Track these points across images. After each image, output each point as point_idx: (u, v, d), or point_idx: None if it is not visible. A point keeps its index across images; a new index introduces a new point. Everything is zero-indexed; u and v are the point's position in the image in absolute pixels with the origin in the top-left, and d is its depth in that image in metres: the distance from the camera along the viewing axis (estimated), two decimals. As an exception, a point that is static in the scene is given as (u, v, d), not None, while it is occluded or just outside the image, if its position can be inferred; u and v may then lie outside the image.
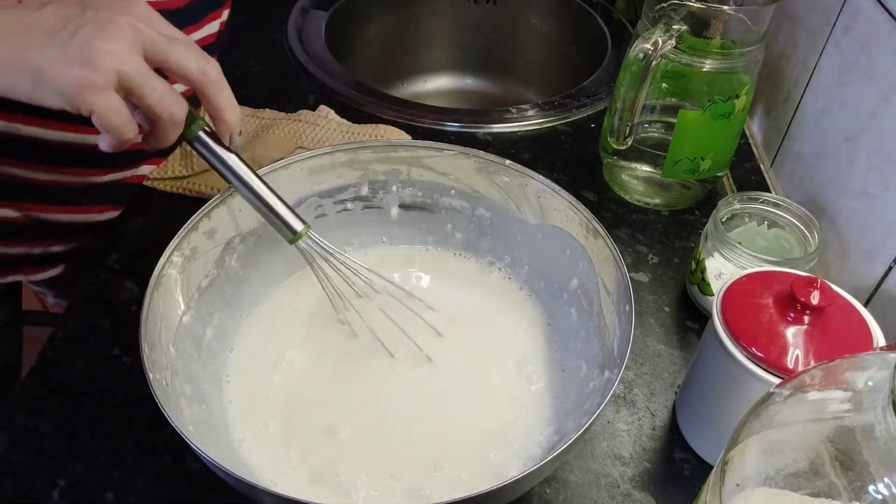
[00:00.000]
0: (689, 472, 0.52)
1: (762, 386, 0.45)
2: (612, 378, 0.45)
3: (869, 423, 0.26)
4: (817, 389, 0.30)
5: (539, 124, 0.84)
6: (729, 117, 0.65)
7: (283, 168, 0.56)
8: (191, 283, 0.51)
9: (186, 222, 0.51)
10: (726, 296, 0.48)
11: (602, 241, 0.52)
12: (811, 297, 0.45)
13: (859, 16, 0.64)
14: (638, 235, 0.71)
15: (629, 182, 0.74)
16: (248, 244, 0.56)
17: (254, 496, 0.41)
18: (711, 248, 0.60)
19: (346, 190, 0.60)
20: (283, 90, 0.84)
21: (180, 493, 0.50)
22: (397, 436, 0.50)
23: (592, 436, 0.54)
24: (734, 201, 0.62)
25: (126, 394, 0.55)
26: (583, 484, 0.51)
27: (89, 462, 0.51)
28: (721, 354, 0.47)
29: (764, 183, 0.78)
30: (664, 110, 0.70)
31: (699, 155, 0.67)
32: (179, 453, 0.51)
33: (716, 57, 0.63)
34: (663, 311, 0.64)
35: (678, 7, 0.63)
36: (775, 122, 0.80)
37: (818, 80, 0.71)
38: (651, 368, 0.59)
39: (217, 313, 0.54)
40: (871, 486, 0.26)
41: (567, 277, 0.56)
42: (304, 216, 0.59)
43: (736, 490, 0.30)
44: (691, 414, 0.54)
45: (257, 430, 0.50)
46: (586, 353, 0.53)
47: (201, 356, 0.51)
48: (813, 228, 0.59)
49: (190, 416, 0.45)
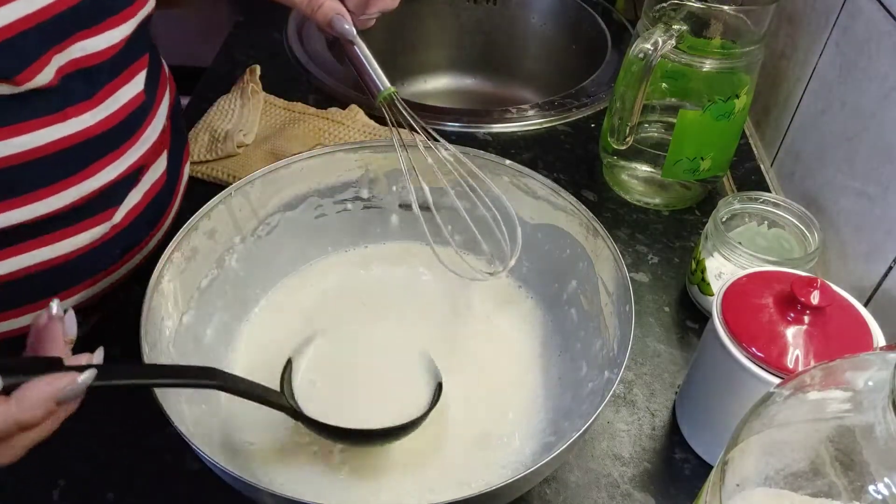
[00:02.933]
0: (689, 472, 0.52)
1: (762, 386, 0.45)
2: (612, 378, 0.45)
3: (869, 423, 0.26)
4: (817, 389, 0.30)
5: (539, 124, 0.84)
6: (729, 117, 0.65)
7: (283, 167, 0.56)
8: (191, 283, 0.51)
9: (186, 222, 0.51)
10: (726, 296, 0.48)
11: (602, 241, 0.52)
12: (811, 297, 0.45)
13: (859, 16, 0.64)
14: (638, 235, 0.71)
15: (629, 182, 0.74)
16: (248, 244, 0.56)
17: (254, 496, 0.41)
18: (711, 248, 0.60)
19: (346, 190, 0.60)
20: (284, 90, 0.84)
21: (180, 493, 0.50)
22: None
23: (592, 436, 0.54)
24: (734, 201, 0.62)
25: (126, 394, 0.55)
26: (583, 484, 0.51)
27: (89, 462, 0.51)
28: (721, 354, 0.47)
29: (764, 183, 0.78)
30: (664, 110, 0.70)
31: (699, 155, 0.67)
32: (179, 453, 0.51)
33: (716, 57, 0.63)
34: (663, 311, 0.64)
35: (678, 7, 0.63)
36: (775, 122, 0.80)
37: (818, 81, 0.71)
38: (651, 368, 0.59)
39: (217, 313, 0.54)
40: (871, 486, 0.26)
41: (567, 277, 0.56)
42: (304, 216, 0.59)
43: (736, 490, 0.30)
44: (691, 414, 0.54)
45: (257, 429, 0.50)
46: (586, 354, 0.53)
47: (201, 356, 0.51)
48: (813, 228, 0.59)
49: (190, 416, 0.45)
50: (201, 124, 0.78)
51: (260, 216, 0.57)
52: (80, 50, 0.47)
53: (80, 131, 0.48)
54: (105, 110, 0.49)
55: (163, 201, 0.58)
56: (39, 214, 0.47)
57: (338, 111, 0.81)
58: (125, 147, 0.52)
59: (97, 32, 0.47)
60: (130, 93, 0.51)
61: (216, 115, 0.79)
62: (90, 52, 0.47)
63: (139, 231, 0.56)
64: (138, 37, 0.52)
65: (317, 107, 0.82)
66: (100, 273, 0.54)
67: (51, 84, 0.45)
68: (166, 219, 0.60)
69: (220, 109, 0.80)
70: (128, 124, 0.52)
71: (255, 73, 0.84)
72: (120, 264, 0.55)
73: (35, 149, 0.46)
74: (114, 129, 0.50)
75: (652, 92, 0.67)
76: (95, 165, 0.50)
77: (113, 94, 0.50)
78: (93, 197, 0.50)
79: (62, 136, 0.47)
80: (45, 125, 0.46)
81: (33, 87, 0.44)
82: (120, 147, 0.51)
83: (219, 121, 0.78)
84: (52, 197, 0.48)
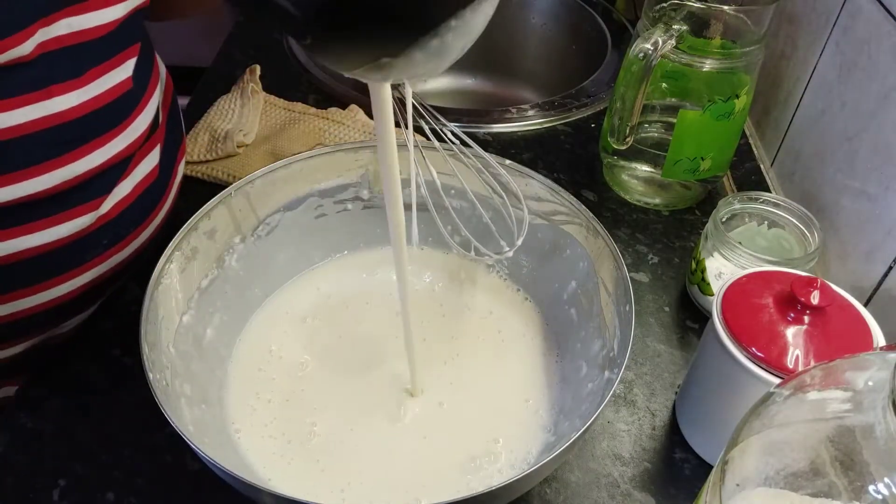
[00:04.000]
0: (689, 472, 0.52)
1: (762, 386, 0.45)
2: (612, 378, 0.45)
3: (869, 423, 0.26)
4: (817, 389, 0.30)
5: (539, 124, 0.84)
6: (729, 117, 0.65)
7: (283, 167, 0.56)
8: (191, 283, 0.51)
9: (186, 222, 0.51)
10: (726, 296, 0.48)
11: (602, 241, 0.52)
12: (811, 297, 0.45)
13: (859, 16, 0.64)
14: (638, 235, 0.71)
15: (629, 182, 0.74)
16: (248, 244, 0.56)
17: (254, 496, 0.41)
18: (711, 248, 0.60)
19: (346, 190, 0.60)
20: (284, 90, 0.84)
21: (180, 493, 0.50)
22: (398, 435, 0.50)
23: (592, 436, 0.54)
24: (734, 201, 0.62)
25: (126, 394, 0.55)
26: (583, 484, 0.51)
27: (89, 462, 0.51)
28: (721, 354, 0.47)
29: (764, 183, 0.78)
30: (664, 110, 0.70)
31: (699, 155, 0.67)
32: (179, 453, 0.51)
33: (716, 57, 0.63)
34: (663, 311, 0.64)
35: (678, 7, 0.63)
36: (775, 122, 0.80)
37: (818, 80, 0.71)
38: (651, 368, 0.59)
39: (217, 313, 0.54)
40: (871, 486, 0.26)
41: (567, 277, 0.56)
42: (304, 216, 0.59)
43: (736, 490, 0.30)
44: (691, 414, 0.54)
45: (258, 430, 0.50)
46: (586, 354, 0.53)
47: (201, 356, 0.51)
48: (813, 228, 0.59)
49: (190, 416, 0.45)
50: (201, 124, 0.78)
51: (260, 216, 0.57)
52: (67, 27, 0.46)
53: (65, 111, 0.47)
54: (90, 92, 0.49)
55: (154, 196, 0.58)
56: (24, 195, 0.47)
57: (338, 111, 0.81)
58: (112, 134, 0.51)
59: (87, 10, 0.47)
60: (117, 78, 0.51)
61: (216, 115, 0.79)
62: (76, 29, 0.47)
63: (128, 224, 0.56)
64: (130, 24, 0.52)
65: (317, 107, 0.82)
66: (85, 264, 0.54)
67: (30, 57, 0.44)
68: (157, 214, 0.59)
69: (219, 109, 0.80)
70: (114, 110, 0.51)
71: (255, 73, 0.84)
72: (106, 256, 0.55)
73: (18, 126, 0.45)
74: (99, 113, 0.50)
75: (652, 92, 0.67)
76: (81, 150, 0.49)
77: (100, 76, 0.50)
78: (78, 182, 0.50)
79: (46, 115, 0.47)
80: (29, 102, 0.46)
81: (13, 58, 0.44)
82: (106, 133, 0.51)
83: (219, 121, 0.78)
84: (35, 178, 0.47)
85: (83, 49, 0.48)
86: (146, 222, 0.58)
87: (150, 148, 0.57)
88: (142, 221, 0.57)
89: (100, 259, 0.55)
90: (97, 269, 0.55)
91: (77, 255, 0.53)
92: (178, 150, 0.63)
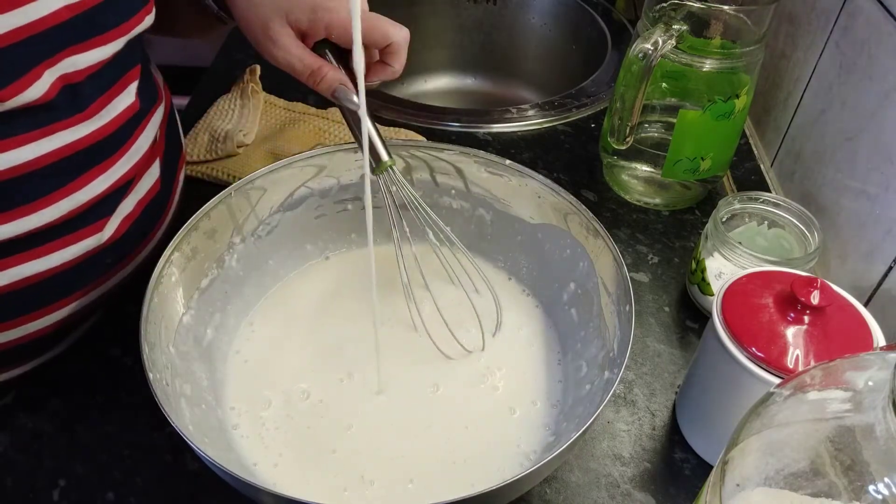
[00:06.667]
0: (689, 472, 0.52)
1: (762, 386, 0.45)
2: (613, 378, 0.45)
3: (869, 423, 0.26)
4: (817, 389, 0.30)
5: (539, 124, 0.84)
6: (729, 117, 0.65)
7: (283, 167, 0.56)
8: (191, 283, 0.51)
9: (186, 222, 0.51)
10: (726, 296, 0.48)
11: (602, 241, 0.52)
12: (811, 297, 0.45)
13: (859, 16, 0.64)
14: (638, 235, 0.71)
15: (629, 182, 0.74)
16: (248, 244, 0.56)
17: (254, 496, 0.41)
18: (711, 248, 0.60)
19: (347, 190, 0.60)
20: (284, 90, 0.84)
21: (180, 493, 0.50)
22: (399, 434, 0.50)
23: (592, 436, 0.54)
24: (734, 201, 0.62)
25: (126, 394, 0.55)
26: (583, 484, 0.51)
27: (89, 462, 0.51)
28: (721, 354, 0.47)
29: (764, 183, 0.78)
30: (664, 110, 0.70)
31: (699, 155, 0.67)
32: (179, 453, 0.51)
33: (716, 57, 0.63)
34: (663, 311, 0.64)
35: (678, 7, 0.63)
36: (775, 122, 0.80)
37: (818, 80, 0.71)
38: (651, 368, 0.59)
39: (217, 313, 0.54)
40: (871, 486, 0.26)
41: (567, 277, 0.56)
42: (304, 216, 0.59)
43: (736, 490, 0.30)
44: (691, 414, 0.54)
45: (258, 429, 0.50)
46: (586, 354, 0.53)
47: (202, 356, 0.51)
48: (813, 228, 0.59)
49: (190, 416, 0.45)
50: (201, 124, 0.78)
51: (260, 216, 0.57)
52: (71, 65, 0.46)
53: (70, 144, 0.47)
54: (95, 123, 0.48)
55: (157, 209, 0.58)
56: (30, 228, 0.47)
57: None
58: (115, 157, 0.51)
59: (89, 48, 0.47)
60: (122, 105, 0.51)
61: (216, 116, 0.79)
62: (80, 67, 0.46)
63: (132, 240, 0.55)
64: (131, 49, 0.51)
65: (317, 107, 0.82)
66: (91, 284, 0.53)
67: (45, 99, 0.44)
68: (160, 227, 0.59)
69: (219, 109, 0.80)
70: (118, 135, 0.51)
71: (255, 73, 0.84)
72: (111, 274, 0.55)
73: (24, 163, 0.45)
74: (104, 141, 0.49)
75: (652, 92, 0.67)
76: (86, 176, 0.49)
77: (104, 107, 0.49)
78: (84, 209, 0.49)
79: (52, 150, 0.46)
80: (34, 139, 0.45)
81: (24, 103, 0.43)
82: (110, 157, 0.50)
83: (219, 121, 0.78)
84: (42, 210, 0.47)
85: (87, 82, 0.47)
86: (150, 235, 0.58)
87: (151, 162, 0.56)
88: (146, 235, 0.57)
89: (105, 277, 0.54)
90: (102, 288, 0.55)
91: (83, 276, 0.52)
92: (178, 160, 0.63)
